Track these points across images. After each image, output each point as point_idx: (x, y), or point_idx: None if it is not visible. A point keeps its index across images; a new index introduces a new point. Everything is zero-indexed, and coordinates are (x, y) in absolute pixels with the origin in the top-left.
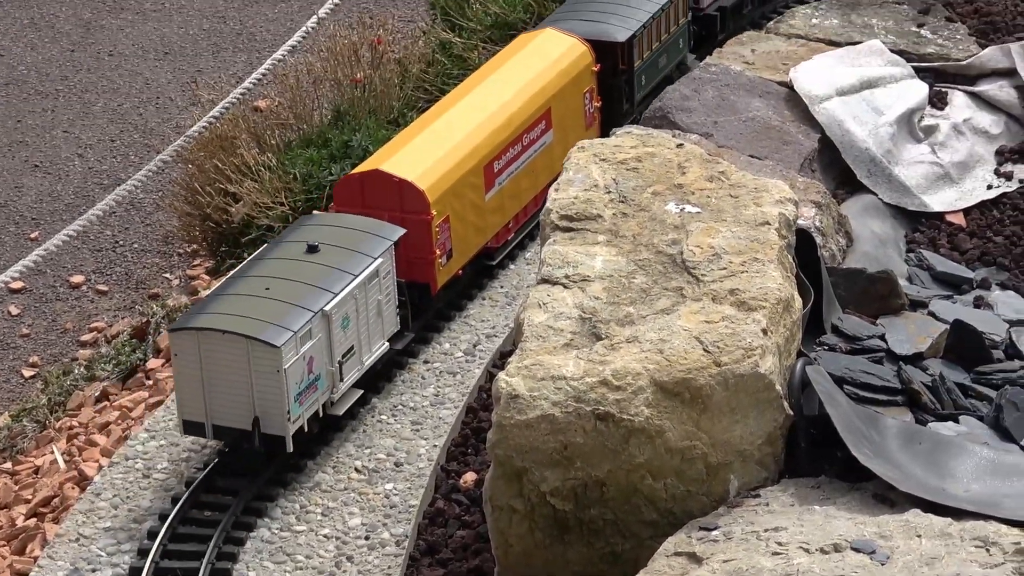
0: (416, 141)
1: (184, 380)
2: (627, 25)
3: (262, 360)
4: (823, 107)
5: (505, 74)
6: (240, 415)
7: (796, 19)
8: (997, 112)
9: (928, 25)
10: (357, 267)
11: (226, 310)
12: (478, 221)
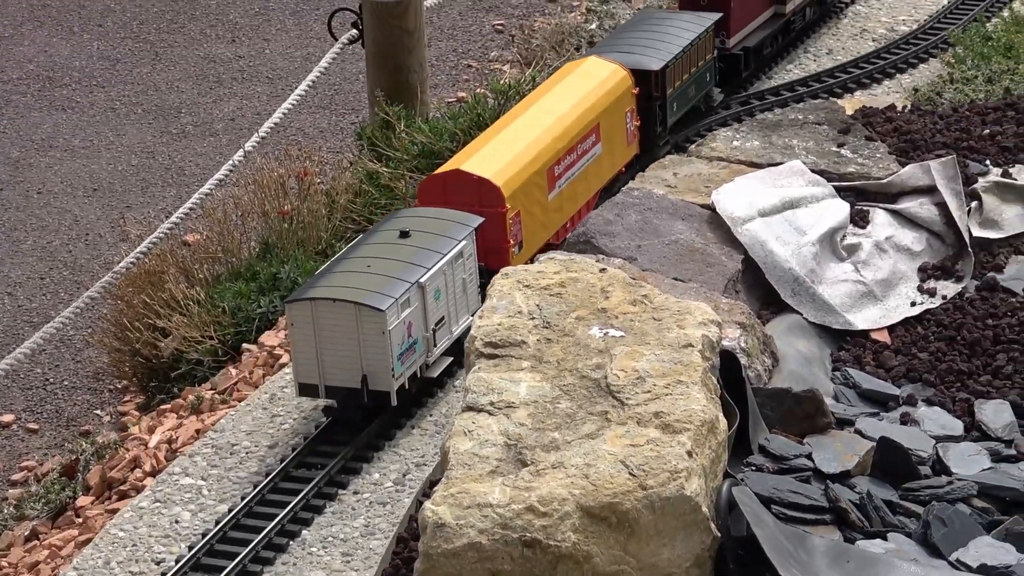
0: (489, 147)
1: (299, 347)
2: (661, 56)
3: (369, 323)
4: (746, 228)
5: (559, 93)
6: (350, 375)
7: (717, 142)
8: (919, 229)
9: (848, 144)
10: (444, 248)
11: (335, 283)
12: (543, 218)
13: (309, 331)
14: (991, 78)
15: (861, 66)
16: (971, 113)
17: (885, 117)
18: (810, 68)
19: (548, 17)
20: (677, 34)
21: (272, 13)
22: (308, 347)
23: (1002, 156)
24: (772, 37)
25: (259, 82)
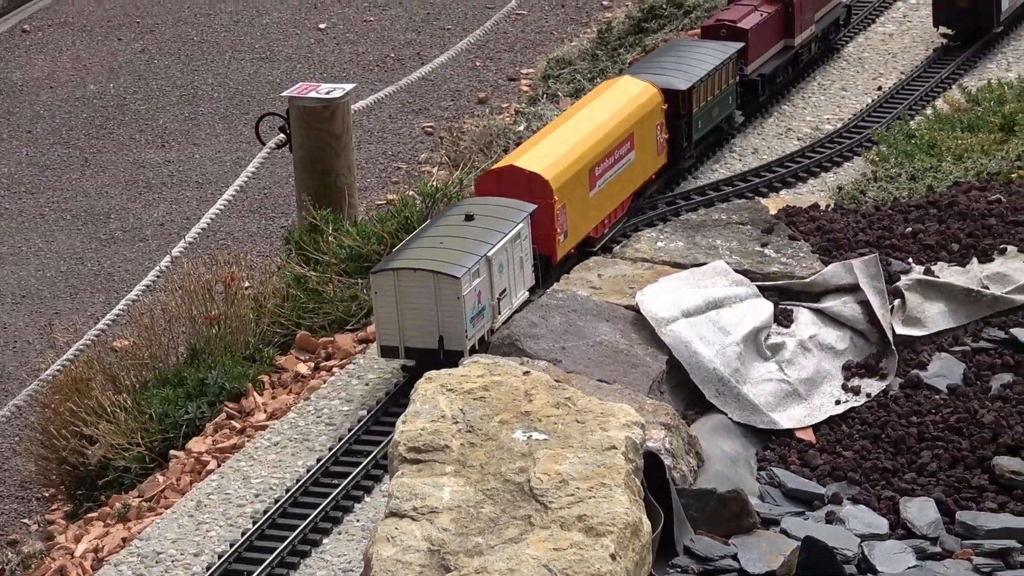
0: (538, 147)
1: (382, 313)
2: (688, 79)
3: (446, 290)
4: (670, 329)
5: (597, 106)
6: (428, 336)
7: (641, 243)
8: (842, 328)
9: (771, 244)
10: (505, 228)
11: (414, 256)
12: (584, 213)
13: (391, 298)
14: (914, 176)
15: (786, 165)
16: (894, 211)
17: (808, 216)
18: (735, 168)
19: (477, 119)
20: (702, 60)
21: (201, 118)
22: (390, 313)
23: (924, 254)
24: (784, 67)
25: (188, 187)
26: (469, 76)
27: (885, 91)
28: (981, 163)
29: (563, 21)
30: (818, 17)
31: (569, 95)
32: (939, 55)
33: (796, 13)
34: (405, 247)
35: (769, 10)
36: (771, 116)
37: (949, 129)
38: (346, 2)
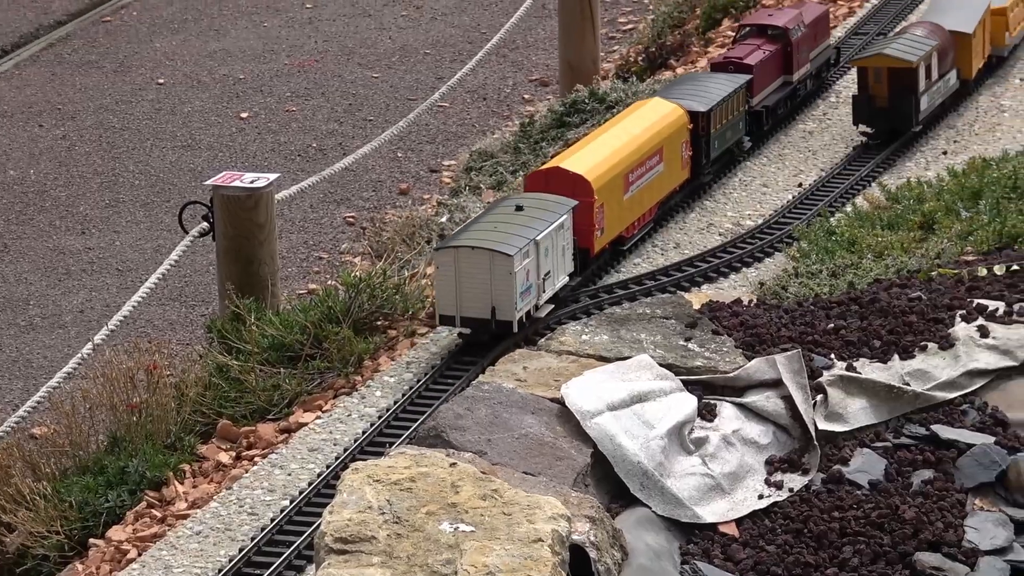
0: (580, 153)
1: (442, 285)
2: (707, 103)
3: (499, 266)
4: (595, 422)
5: (632, 121)
6: (481, 307)
7: (567, 336)
8: (765, 422)
9: (696, 339)
10: (551, 219)
11: (471, 237)
12: (619, 214)
13: (451, 273)
14: (835, 272)
15: (708, 260)
16: (816, 307)
17: (731, 311)
18: (658, 262)
19: (399, 210)
20: (718, 88)
21: (123, 205)
22: (449, 286)
23: (846, 350)
24: (784, 100)
25: (109, 274)
26: (391, 167)
27: (806, 188)
28: (901, 261)
29: (485, 114)
30: (812, 56)
31: (491, 187)
32: (859, 153)
33: (794, 52)
34: (463, 230)
35: (771, 49)
36: (693, 211)
37: (869, 226)
38: (268, 92)
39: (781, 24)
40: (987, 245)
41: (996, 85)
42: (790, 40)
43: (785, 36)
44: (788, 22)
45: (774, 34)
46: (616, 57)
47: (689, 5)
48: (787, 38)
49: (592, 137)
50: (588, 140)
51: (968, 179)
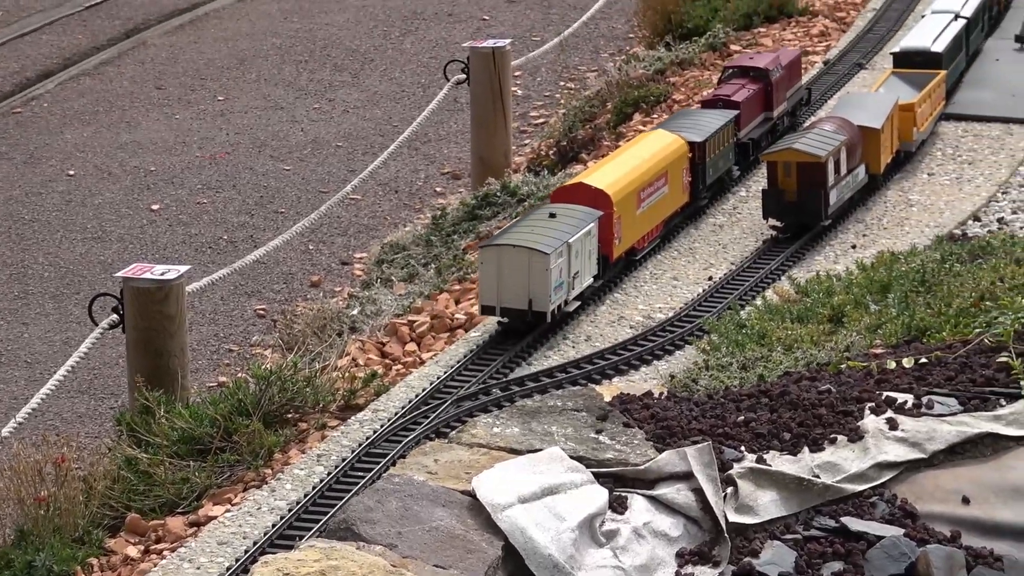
0: (599, 171)
1: (485, 279)
2: (702, 134)
3: (536, 263)
4: (505, 515)
5: (640, 148)
6: (519, 299)
7: (478, 428)
8: (676, 515)
9: (607, 431)
10: (581, 225)
11: (512, 238)
12: (632, 226)
13: (494, 268)
14: (745, 365)
15: (619, 352)
16: (726, 400)
17: (642, 404)
18: (569, 355)
19: (310, 302)
20: (710, 122)
21: (32, 297)
22: (491, 279)
23: (756, 443)
24: (765, 134)
25: (17, 367)
26: (303, 259)
27: (716, 281)
28: (811, 354)
29: (397, 206)
30: (788, 95)
31: (403, 280)
32: (769, 247)
33: (774, 91)
34: (504, 232)
35: (753, 88)
36: (604, 304)
37: (779, 320)
38: (179, 184)
39: (762, 65)
40: (896, 338)
41: (904, 180)
42: (770, 80)
43: (766, 76)
44: (768, 64)
45: (755, 75)
46: (528, 151)
47: (600, 100)
48: (767, 78)
49: (606, 161)
50: (604, 163)
51: (877, 273)
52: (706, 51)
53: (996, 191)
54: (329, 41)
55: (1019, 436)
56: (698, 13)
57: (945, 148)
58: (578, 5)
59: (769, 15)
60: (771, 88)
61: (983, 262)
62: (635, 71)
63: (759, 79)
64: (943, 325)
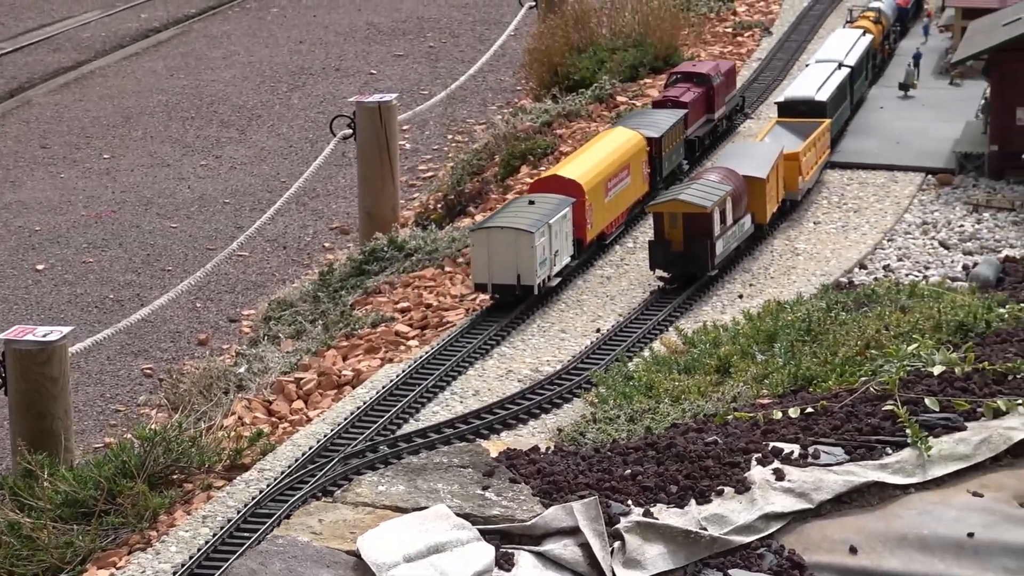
0: (571, 164)
1: (477, 259)
2: (658, 131)
3: (523, 241)
4: (391, 574)
5: (604, 143)
6: (508, 275)
7: (363, 487)
8: (563, 571)
9: (493, 487)
10: (558, 210)
11: (500, 221)
12: (602, 213)
13: (484, 249)
14: (632, 417)
15: (506, 407)
16: (613, 453)
17: (529, 459)
18: (456, 410)
19: (197, 361)
20: (664, 120)
21: None
22: (482, 259)
23: (643, 496)
24: (708, 133)
25: None
26: (190, 317)
27: (604, 333)
28: (698, 405)
29: (285, 262)
30: (727, 100)
31: (291, 337)
32: (656, 298)
33: (715, 95)
34: (490, 218)
35: (698, 91)
36: (491, 358)
37: (666, 371)
38: (65, 243)
39: (704, 72)
40: (782, 388)
41: (790, 229)
42: (712, 85)
43: (708, 81)
44: (709, 71)
45: (698, 80)
46: (416, 205)
47: (488, 153)
48: (709, 83)
49: (575, 155)
50: (573, 157)
51: (763, 322)
52: (593, 103)
53: (882, 238)
54: (216, 97)
55: (905, 484)
56: (584, 65)
57: (831, 196)
58: (465, 58)
59: (655, 66)
60: (712, 92)
61: (868, 310)
62: (522, 123)
63: (702, 84)
64: (829, 374)
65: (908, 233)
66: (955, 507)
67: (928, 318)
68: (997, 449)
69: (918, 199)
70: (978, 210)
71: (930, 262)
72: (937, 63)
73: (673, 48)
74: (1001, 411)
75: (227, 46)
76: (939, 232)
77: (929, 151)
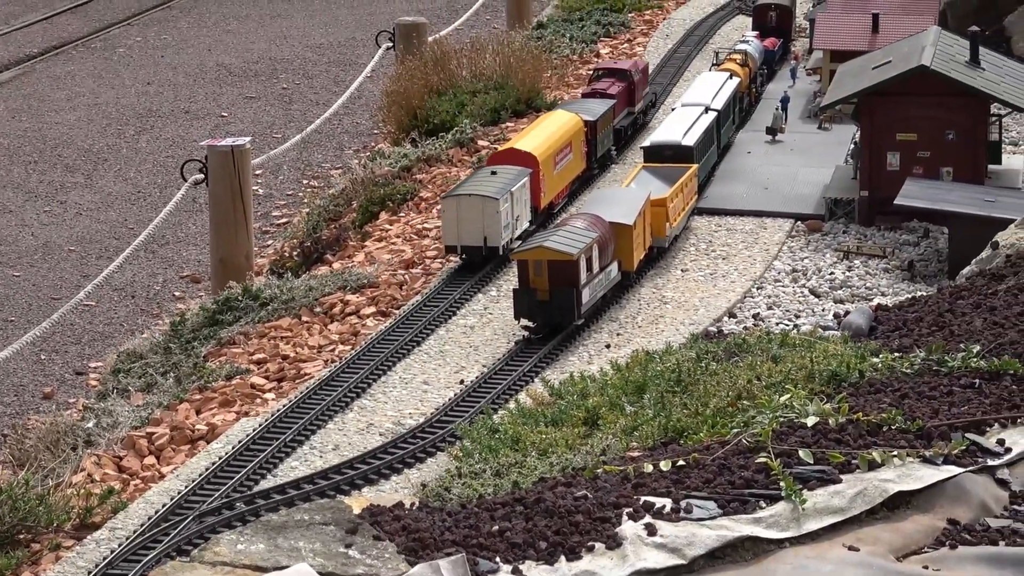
0: (523, 140)
1: (447, 224)
2: (593, 115)
3: (489, 207)
4: None
5: (549, 122)
6: (476, 238)
7: (221, 546)
8: None
9: (356, 545)
10: (518, 179)
11: (467, 189)
12: (552, 184)
13: (454, 214)
14: (499, 471)
15: (368, 462)
16: (480, 509)
17: (393, 515)
18: (316, 464)
19: (43, 415)
20: (597, 107)
21: None
22: (452, 223)
23: (512, 552)
24: (630, 125)
25: None
26: (34, 370)
27: (468, 384)
28: (566, 458)
29: (134, 312)
30: (644, 95)
31: (141, 390)
32: (521, 348)
33: (636, 90)
34: (458, 187)
35: (621, 85)
36: (351, 411)
37: (533, 423)
38: None
39: (626, 68)
40: (652, 440)
41: (658, 276)
42: (632, 80)
43: (629, 77)
44: (630, 67)
45: (620, 75)
46: (271, 252)
47: (345, 198)
48: (630, 78)
49: (526, 132)
50: (524, 134)
51: (632, 373)
52: (453, 147)
53: (751, 286)
54: (60, 140)
55: (780, 539)
56: (444, 108)
57: (699, 243)
58: (320, 100)
59: (517, 109)
60: (633, 86)
61: (739, 360)
62: (381, 168)
63: (624, 79)
64: (700, 426)
65: (778, 281)
66: (831, 561)
67: (800, 368)
68: (873, 502)
69: (788, 246)
70: (849, 257)
71: (801, 310)
72: (805, 107)
73: (536, 91)
74: (876, 463)
75: (71, 87)
76: (809, 280)
77: (798, 197)
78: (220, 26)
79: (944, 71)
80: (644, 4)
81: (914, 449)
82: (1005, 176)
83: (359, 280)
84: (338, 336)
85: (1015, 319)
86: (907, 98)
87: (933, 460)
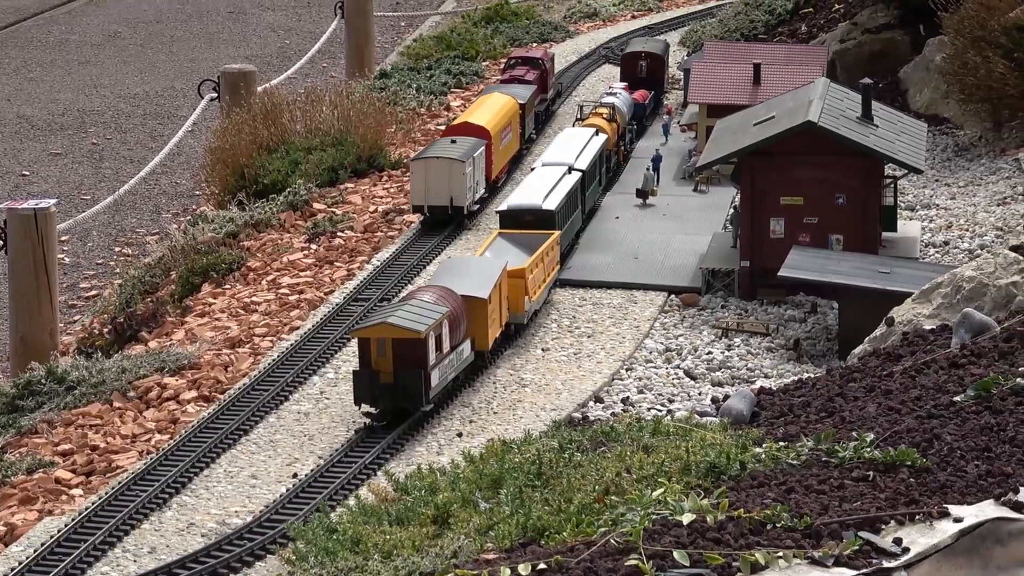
0: (474, 114)
1: (415, 186)
2: (522, 98)
3: (456, 169)
4: None
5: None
6: (443, 198)
7: None
8: None
9: None
10: (476, 148)
11: (435, 152)
12: (498, 158)
13: (422, 176)
14: None
15: (188, 566)
16: None
17: None
18: (129, 570)
19: None
20: (523, 91)
21: None
22: (420, 185)
23: None
24: (544, 110)
25: None
26: None
27: (302, 479)
28: (413, 561)
29: None
30: (552, 83)
31: None
32: (362, 437)
33: (548, 77)
34: (423, 151)
35: (535, 73)
36: (170, 509)
37: (376, 522)
38: None
39: (538, 56)
40: (510, 541)
41: (516, 356)
42: (545, 68)
43: (541, 65)
44: (541, 56)
45: (533, 64)
46: (78, 328)
47: (163, 268)
48: (543, 67)
49: (473, 109)
50: (472, 110)
51: (487, 465)
52: (286, 210)
53: (620, 367)
54: None
55: None
56: (275, 167)
57: (561, 319)
58: (135, 157)
59: (357, 168)
60: (545, 74)
61: (607, 450)
62: (203, 234)
63: (537, 67)
64: (564, 524)
65: (650, 361)
66: None
67: (675, 459)
68: None
69: (660, 322)
70: (728, 335)
71: (675, 394)
72: (679, 166)
73: (378, 148)
74: (760, 565)
75: None
76: (684, 360)
77: (672, 268)
78: (21, 73)
79: (833, 128)
80: (500, 52)
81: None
82: (901, 245)
83: (178, 361)
84: (155, 424)
85: (912, 404)
86: (792, 158)
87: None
